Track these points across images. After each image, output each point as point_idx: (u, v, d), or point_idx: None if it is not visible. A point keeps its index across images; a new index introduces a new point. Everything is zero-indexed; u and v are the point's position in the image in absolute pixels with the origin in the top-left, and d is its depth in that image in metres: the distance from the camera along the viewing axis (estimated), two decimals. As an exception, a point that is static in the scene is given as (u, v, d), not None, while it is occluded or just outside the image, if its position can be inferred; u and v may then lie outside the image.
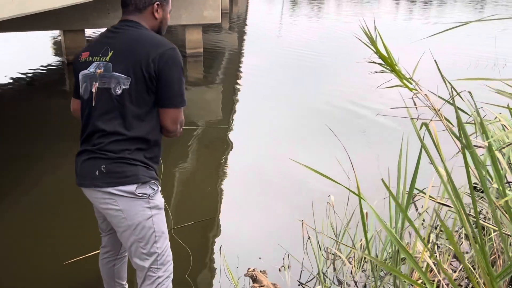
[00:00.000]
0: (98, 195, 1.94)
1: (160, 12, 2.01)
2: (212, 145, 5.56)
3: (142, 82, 1.86)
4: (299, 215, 3.55)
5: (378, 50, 2.43)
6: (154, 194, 1.98)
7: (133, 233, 1.98)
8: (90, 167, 1.92)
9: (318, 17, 20.73)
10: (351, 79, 8.65)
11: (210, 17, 9.74)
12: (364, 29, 2.49)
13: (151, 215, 1.98)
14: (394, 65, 2.41)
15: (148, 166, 1.97)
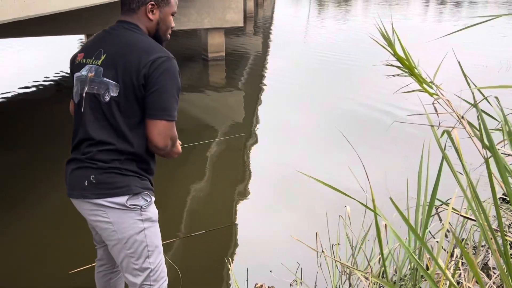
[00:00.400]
0: (87, 206, 1.83)
1: (156, 13, 1.85)
2: (230, 152, 5.44)
3: (131, 90, 1.73)
4: (313, 225, 3.38)
5: (395, 52, 2.25)
6: (147, 206, 1.86)
7: (124, 247, 1.85)
8: (79, 177, 1.81)
9: (345, 20, 20.45)
10: (372, 83, 8.41)
11: (232, 20, 9.66)
12: (381, 30, 2.32)
13: (143, 228, 1.85)
14: (413, 68, 2.22)
15: (142, 176, 1.85)
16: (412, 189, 2.67)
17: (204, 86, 8.67)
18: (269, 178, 4.67)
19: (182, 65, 9.43)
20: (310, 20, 20.78)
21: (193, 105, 7.47)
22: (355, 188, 2.87)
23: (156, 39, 1.88)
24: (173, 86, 1.75)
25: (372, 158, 5.10)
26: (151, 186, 1.91)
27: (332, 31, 16.47)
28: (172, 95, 1.75)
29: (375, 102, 7.26)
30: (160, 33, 1.90)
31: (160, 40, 1.90)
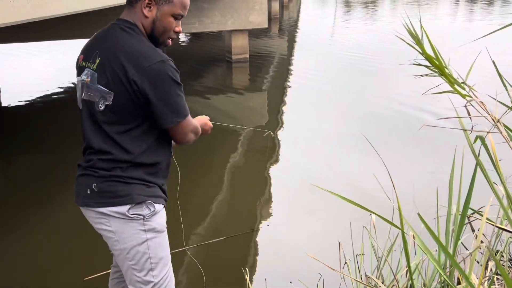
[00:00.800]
0: (91, 214, 1.77)
1: (153, 10, 1.69)
2: (252, 156, 5.33)
3: (125, 97, 1.63)
4: (337, 234, 3.22)
5: (424, 51, 2.09)
6: (151, 215, 1.74)
7: (126, 258, 1.76)
8: (82, 185, 1.75)
9: (372, 20, 20.10)
10: (400, 84, 8.17)
11: (256, 22, 9.56)
12: (408, 28, 2.16)
13: (146, 239, 1.74)
14: (443, 67, 2.05)
15: (148, 182, 1.75)
16: (442, 197, 2.49)
17: (227, 88, 8.59)
18: (292, 184, 4.53)
19: (205, 67, 9.46)
20: (337, 21, 20.52)
21: (216, 108, 7.40)
22: (381, 196, 2.71)
23: (152, 40, 1.73)
24: (173, 89, 1.65)
25: (400, 163, 4.90)
26: (161, 193, 1.80)
27: (359, 31, 16.19)
28: (176, 96, 1.66)
29: (403, 104, 7.05)
30: (156, 34, 1.73)
31: (156, 41, 1.75)
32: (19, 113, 7.11)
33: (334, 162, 5.04)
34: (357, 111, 6.93)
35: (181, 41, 14.35)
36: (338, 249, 3.02)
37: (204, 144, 5.71)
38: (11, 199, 4.23)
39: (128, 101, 1.63)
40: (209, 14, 9.25)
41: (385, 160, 4.42)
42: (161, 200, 1.80)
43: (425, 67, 2.18)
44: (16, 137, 5.80)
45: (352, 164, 4.90)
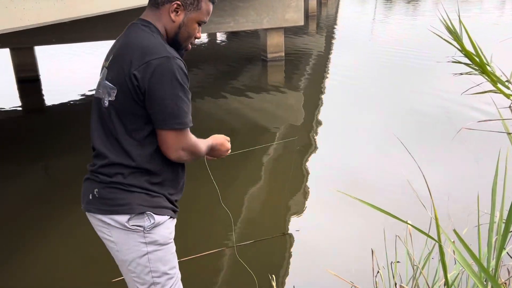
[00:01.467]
0: (93, 220, 1.71)
1: (181, 15, 1.65)
2: (286, 156, 5.23)
3: (127, 94, 1.56)
4: (371, 240, 3.07)
5: (463, 47, 1.93)
6: (152, 227, 1.64)
7: (128, 270, 1.70)
8: (85, 189, 1.70)
9: (413, 16, 19.51)
10: (440, 82, 7.84)
11: (292, 19, 9.43)
12: (446, 24, 2.01)
13: (147, 252, 1.65)
14: (484, 65, 1.89)
15: (152, 192, 1.65)
16: (484, 203, 2.31)
17: (262, 87, 8.51)
18: (326, 186, 4.40)
19: (241, 66, 9.47)
20: (377, 17, 20.05)
21: (250, 107, 7.33)
22: (418, 201, 2.54)
23: (174, 44, 1.68)
24: (175, 87, 1.54)
25: (439, 166, 4.68)
26: (167, 203, 1.70)
27: (399, 28, 15.74)
28: (177, 97, 1.54)
29: (441, 105, 6.75)
30: (180, 39, 1.69)
31: (178, 45, 1.69)
32: (62, 112, 7.29)
33: (371, 163, 4.87)
34: (395, 111, 6.71)
35: (218, 41, 14.39)
36: (371, 256, 2.88)
37: (235, 146, 5.66)
38: (51, 198, 4.31)
39: (129, 98, 1.56)
40: (244, 13, 9.20)
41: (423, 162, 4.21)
42: (167, 211, 1.69)
43: (465, 65, 2.02)
44: (59, 137, 5.92)
45: (389, 166, 4.72)
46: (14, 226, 3.91)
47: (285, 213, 3.89)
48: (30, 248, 3.58)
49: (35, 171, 5.06)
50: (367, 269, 2.86)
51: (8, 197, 4.48)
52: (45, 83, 9.26)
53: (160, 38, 1.63)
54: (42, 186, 4.66)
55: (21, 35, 7.33)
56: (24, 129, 6.66)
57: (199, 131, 5.78)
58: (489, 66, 1.93)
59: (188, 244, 3.44)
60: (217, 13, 9.20)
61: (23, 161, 5.30)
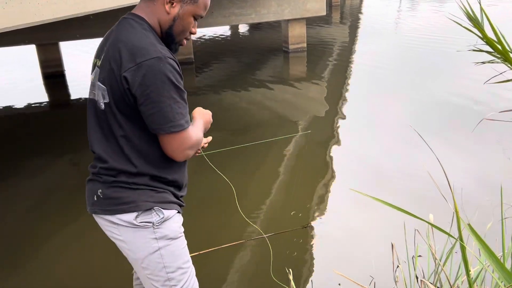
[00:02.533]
0: (101, 221, 1.69)
1: (176, 7, 1.59)
2: (309, 149, 5.18)
3: (118, 96, 1.52)
4: (392, 234, 3.01)
5: (484, 35, 1.85)
6: (161, 222, 1.62)
7: (141, 268, 1.68)
8: (89, 190, 1.68)
9: (441, 5, 19.00)
10: (463, 71, 7.62)
11: (313, 9, 9.30)
12: (466, 10, 1.93)
13: (158, 247, 1.64)
14: (507, 52, 1.80)
15: (157, 188, 1.63)
16: (510, 195, 2.22)
17: (284, 79, 8.45)
18: (348, 179, 4.34)
19: (264, 58, 9.39)
20: (402, 7, 19.60)
21: (272, 99, 7.29)
22: (437, 197, 2.48)
23: (167, 37, 1.63)
24: (168, 89, 1.48)
25: (463, 157, 4.56)
26: (173, 198, 1.68)
27: (426, 17, 15.35)
28: (170, 99, 1.49)
29: (464, 93, 6.58)
30: (174, 32, 1.63)
31: (172, 39, 1.64)
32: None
33: (393, 156, 4.78)
34: (419, 101, 6.57)
35: (240, 33, 14.35)
36: (391, 250, 2.82)
37: (255, 139, 5.64)
38: (77, 192, 4.38)
39: (121, 101, 1.52)
40: (265, 4, 9.13)
41: (446, 154, 4.13)
42: (174, 205, 1.68)
43: (486, 53, 1.93)
44: (85, 131, 6.00)
45: (412, 159, 4.61)
46: (35, 220, 3.99)
47: (305, 206, 3.85)
48: (53, 236, 3.65)
49: (61, 165, 5.16)
50: (388, 263, 2.80)
51: (33, 191, 4.58)
52: (70, 78, 9.41)
53: (152, 36, 1.57)
54: (68, 180, 4.75)
55: (45, 30, 7.46)
56: (51, 124, 6.79)
57: (221, 122, 5.75)
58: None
59: (203, 238, 3.44)
60: (238, 4, 9.15)
61: (49, 155, 5.40)
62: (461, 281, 2.49)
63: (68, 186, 4.53)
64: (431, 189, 3.69)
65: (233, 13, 9.22)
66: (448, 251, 2.58)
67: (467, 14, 1.86)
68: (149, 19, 1.60)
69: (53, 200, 4.33)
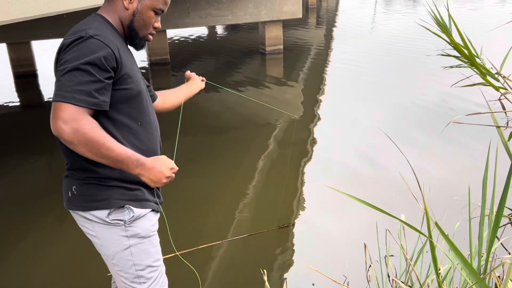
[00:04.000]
0: (76, 216, 1.70)
1: (134, 2, 1.64)
2: (285, 149, 5.21)
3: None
4: (365, 234, 3.07)
5: (452, 40, 1.91)
6: (133, 220, 1.63)
7: (112, 264, 1.69)
8: (65, 186, 1.69)
9: (414, 8, 19.39)
10: (432, 75, 7.81)
11: (290, 12, 9.37)
12: (435, 16, 1.98)
13: (129, 245, 1.65)
14: (473, 57, 1.87)
15: (129, 185, 1.63)
16: (478, 196, 2.29)
17: (261, 80, 8.48)
18: (323, 180, 4.38)
19: (240, 60, 9.35)
20: (377, 10, 19.93)
21: (248, 101, 7.30)
22: (408, 198, 2.54)
23: (130, 33, 1.68)
24: (77, 60, 1.43)
25: (433, 159, 4.66)
26: (147, 196, 1.68)
27: (399, 21, 15.64)
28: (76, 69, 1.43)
29: (434, 97, 6.75)
30: (136, 27, 1.66)
31: (135, 34, 1.68)
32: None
33: (367, 157, 4.84)
34: (391, 104, 6.70)
35: (217, 34, 14.33)
36: (364, 250, 2.87)
37: (233, 139, 5.65)
38: (45, 194, 4.31)
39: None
40: (242, 5, 9.15)
41: (416, 155, 4.21)
42: (148, 204, 1.68)
43: (454, 58, 1.99)
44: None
45: (385, 160, 4.69)
46: (6, 221, 3.91)
47: (281, 207, 3.88)
48: (19, 244, 3.58)
49: (31, 166, 5.06)
50: (361, 263, 2.85)
51: (4, 192, 4.48)
52: (42, 78, 9.23)
53: (103, 27, 1.57)
54: (38, 182, 4.66)
55: (17, 29, 7.30)
56: (21, 125, 6.65)
57: (197, 123, 5.72)
58: (478, 59, 1.91)
59: (180, 239, 3.43)
60: (215, 6, 9.15)
61: (19, 157, 5.29)
62: (431, 279, 2.55)
63: (40, 186, 4.45)
64: (403, 191, 3.78)
65: (210, 14, 9.21)
66: (419, 251, 2.64)
67: (436, 19, 1.92)
68: (110, 17, 1.64)
69: (26, 200, 4.24)
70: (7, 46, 9.16)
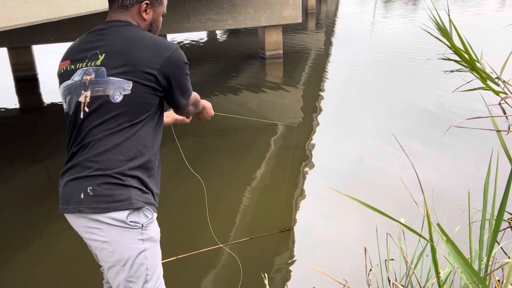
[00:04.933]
0: (83, 222, 1.64)
1: (150, 13, 1.74)
2: (285, 152, 5.22)
3: (143, 85, 1.61)
4: (366, 238, 3.07)
5: (452, 44, 1.93)
6: (148, 224, 1.65)
7: (122, 269, 1.65)
8: (72, 189, 1.63)
9: (413, 15, 19.46)
10: (431, 80, 7.83)
11: (290, 17, 9.41)
12: (436, 20, 2.00)
13: (144, 249, 1.65)
14: (474, 62, 1.88)
15: (144, 188, 1.66)
16: (478, 200, 2.30)
17: (260, 85, 8.50)
18: (323, 183, 4.39)
19: (240, 64, 9.40)
20: (376, 15, 20.00)
21: (248, 105, 7.32)
22: (415, 198, 2.54)
23: None
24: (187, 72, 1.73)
25: (434, 163, 4.67)
26: (153, 200, 1.71)
27: (399, 25, 15.69)
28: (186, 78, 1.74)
29: (435, 101, 6.76)
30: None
31: None
32: (60, 111, 7.27)
33: (368, 161, 4.85)
34: (392, 108, 6.70)
35: (217, 38, 14.37)
36: (364, 254, 2.88)
37: (234, 142, 5.66)
38: (46, 198, 4.31)
39: (145, 88, 1.62)
40: (242, 10, 9.18)
41: (418, 159, 4.22)
42: (154, 208, 1.71)
43: (454, 62, 2.01)
44: (57, 136, 5.91)
45: (386, 163, 4.70)
46: (6, 226, 3.91)
47: (283, 211, 3.88)
48: (22, 248, 3.58)
49: (31, 170, 5.06)
50: (361, 267, 2.86)
51: (4, 197, 4.48)
52: (43, 83, 9.25)
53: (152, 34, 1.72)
54: (39, 186, 4.67)
55: (18, 34, 7.32)
56: (22, 129, 6.66)
57: (198, 127, 5.71)
58: (479, 63, 1.93)
59: (179, 243, 3.43)
60: (215, 10, 9.18)
61: (19, 161, 5.30)
62: (431, 283, 2.56)
63: (40, 191, 4.45)
64: (402, 195, 3.79)
65: (210, 19, 9.24)
66: (419, 254, 2.64)
67: (437, 24, 1.93)
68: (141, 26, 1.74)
69: (26, 205, 4.24)
70: (8, 50, 9.18)
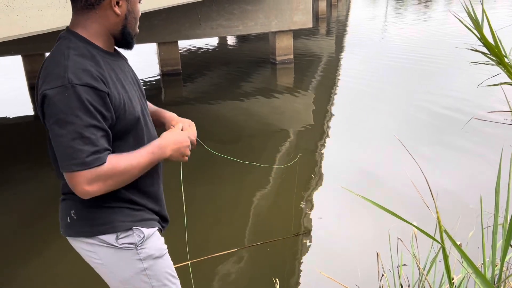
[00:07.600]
0: (78, 244, 1.55)
1: (123, 4, 1.45)
2: (300, 157, 5.22)
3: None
4: (378, 243, 3.05)
5: (483, 36, 1.91)
6: (143, 241, 1.52)
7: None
8: (62, 211, 1.56)
9: (425, 17, 19.35)
10: (453, 75, 7.77)
11: (300, 22, 9.41)
12: (468, 10, 2.00)
13: (144, 268, 1.53)
14: (502, 56, 1.88)
15: (134, 205, 1.53)
16: (489, 204, 2.28)
17: (271, 90, 8.51)
18: (335, 188, 4.38)
19: (251, 69, 9.43)
20: (388, 19, 19.92)
21: (260, 110, 7.33)
22: (427, 202, 2.52)
23: (125, 37, 1.51)
24: (71, 123, 1.31)
25: (446, 161, 4.63)
26: (150, 215, 1.59)
27: (411, 28, 15.61)
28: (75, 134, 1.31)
29: (453, 97, 6.70)
30: (129, 29, 1.51)
31: (130, 36, 1.52)
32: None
33: (380, 165, 4.83)
34: (406, 111, 6.65)
35: (228, 44, 14.44)
36: (377, 259, 2.86)
37: (246, 147, 5.67)
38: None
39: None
40: (253, 16, 9.22)
41: (431, 161, 4.15)
42: (154, 222, 1.59)
43: (482, 54, 2.00)
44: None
45: (399, 167, 4.67)
46: (24, 231, 3.96)
47: (295, 215, 3.87)
48: (40, 252, 3.62)
49: (46, 176, 5.12)
50: (373, 272, 2.83)
51: (19, 204, 4.53)
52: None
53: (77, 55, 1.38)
54: (52, 192, 4.71)
55: (32, 41, 7.43)
56: (35, 135, 6.74)
57: (209, 132, 5.77)
58: (507, 58, 1.92)
59: (193, 247, 3.44)
60: (226, 16, 9.23)
61: (35, 166, 5.36)
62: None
63: (55, 198, 4.49)
64: (414, 200, 3.75)
65: (221, 25, 9.29)
66: (432, 260, 2.62)
67: (468, 14, 1.94)
68: (90, 33, 1.45)
69: (41, 212, 4.29)
70: (22, 58, 9.32)
